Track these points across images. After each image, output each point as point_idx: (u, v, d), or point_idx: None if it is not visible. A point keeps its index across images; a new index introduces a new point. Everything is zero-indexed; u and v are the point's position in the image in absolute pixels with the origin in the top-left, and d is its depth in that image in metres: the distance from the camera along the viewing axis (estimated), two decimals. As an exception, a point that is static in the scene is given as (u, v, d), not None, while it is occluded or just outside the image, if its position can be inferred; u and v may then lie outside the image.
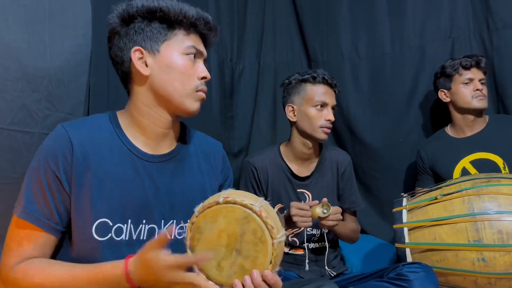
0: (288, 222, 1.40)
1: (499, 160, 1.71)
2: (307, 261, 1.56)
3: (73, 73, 1.28)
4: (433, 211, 1.37)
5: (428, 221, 1.35)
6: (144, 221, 0.94)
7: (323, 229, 1.59)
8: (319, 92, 1.54)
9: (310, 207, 1.37)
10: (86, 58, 1.32)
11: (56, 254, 0.94)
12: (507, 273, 1.22)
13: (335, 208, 1.41)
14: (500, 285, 1.25)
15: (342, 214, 1.67)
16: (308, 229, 1.59)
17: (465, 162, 1.78)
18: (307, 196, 1.59)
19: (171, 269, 0.78)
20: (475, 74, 1.79)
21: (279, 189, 1.60)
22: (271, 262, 0.78)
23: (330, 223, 1.40)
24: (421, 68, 2.14)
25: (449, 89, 1.85)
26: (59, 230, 0.91)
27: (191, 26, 0.96)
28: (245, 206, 0.80)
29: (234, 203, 0.80)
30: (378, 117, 2.24)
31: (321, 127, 1.53)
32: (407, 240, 1.38)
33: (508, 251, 1.22)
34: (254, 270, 0.78)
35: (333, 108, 1.56)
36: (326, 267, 1.55)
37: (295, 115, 1.58)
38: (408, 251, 1.37)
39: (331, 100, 1.55)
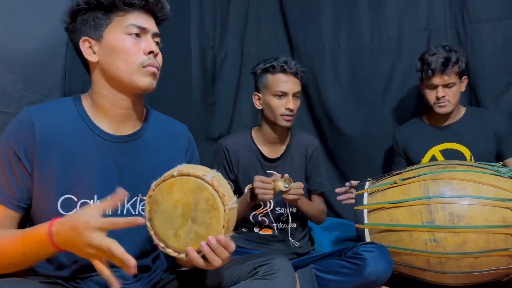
0: (253, 196, 1.47)
1: (467, 152, 1.78)
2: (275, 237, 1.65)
3: (49, 56, 1.34)
4: (391, 194, 1.44)
5: (386, 204, 1.42)
6: (109, 198, 1.01)
7: (291, 209, 1.67)
8: (279, 81, 1.60)
9: (273, 181, 1.44)
10: (62, 41, 1.37)
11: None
12: (456, 253, 1.30)
13: (296, 183, 1.49)
14: (450, 264, 1.32)
15: (309, 195, 1.76)
16: (276, 209, 1.66)
17: (435, 150, 1.85)
18: None
19: (92, 229, 0.79)
20: (439, 79, 1.75)
21: (249, 170, 1.67)
22: (224, 227, 0.85)
23: (291, 197, 1.47)
24: (397, 60, 2.19)
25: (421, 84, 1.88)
26: (21, 206, 0.96)
27: (126, 5, 1.00)
28: (197, 177, 0.86)
29: (188, 175, 0.86)
30: (356, 107, 2.29)
31: (282, 115, 1.59)
32: (366, 221, 1.45)
33: (457, 232, 1.29)
34: (210, 236, 0.84)
35: (295, 95, 1.61)
36: (290, 239, 1.62)
37: (260, 104, 1.65)
38: (366, 231, 1.45)
39: (291, 88, 1.60)
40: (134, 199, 1.03)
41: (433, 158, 1.85)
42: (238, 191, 1.71)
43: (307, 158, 1.73)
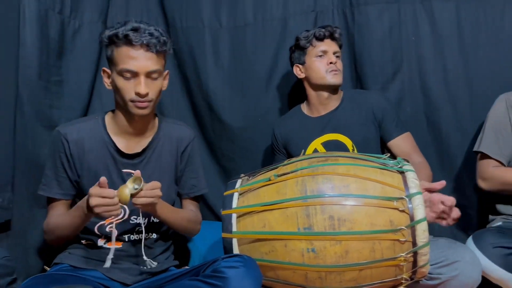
0: (92, 211, 1.10)
1: (348, 142, 1.60)
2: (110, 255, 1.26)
3: None
4: (265, 194, 1.16)
5: (257, 206, 1.14)
6: None
7: (153, 218, 1.31)
8: (124, 56, 1.19)
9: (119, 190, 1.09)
10: None
11: None
12: (337, 266, 1.06)
13: (151, 183, 1.15)
14: (331, 279, 1.08)
15: (180, 200, 1.43)
16: (132, 218, 1.29)
17: (317, 144, 1.64)
18: None
19: None
20: (329, 46, 1.65)
21: (97, 168, 1.27)
22: None
23: (143, 200, 1.12)
24: (282, 43, 1.97)
25: (303, 63, 1.69)
26: None
27: None
28: None
29: None
30: (238, 94, 2.03)
31: (132, 101, 1.21)
32: (234, 229, 1.16)
33: (339, 240, 1.05)
34: None
35: (151, 76, 1.22)
36: (145, 258, 1.24)
37: (110, 83, 1.26)
38: (235, 241, 1.15)
39: (143, 66, 1.19)
40: None
41: (316, 152, 1.63)
42: (82, 196, 1.30)
43: (178, 154, 1.39)
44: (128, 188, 1.10)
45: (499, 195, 1.55)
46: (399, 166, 1.14)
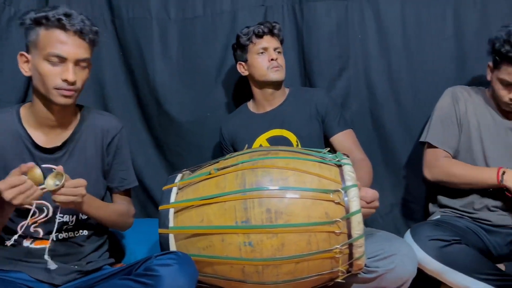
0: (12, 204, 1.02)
1: (292, 137, 1.61)
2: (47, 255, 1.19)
3: None
4: (204, 188, 1.14)
5: (195, 200, 1.11)
6: None
7: (81, 215, 1.25)
8: (53, 40, 1.12)
9: (26, 173, 1.02)
10: None
11: None
12: (273, 259, 1.05)
13: (74, 180, 1.08)
14: (268, 272, 1.07)
15: (111, 195, 1.37)
16: (58, 216, 1.21)
17: (262, 140, 1.64)
18: None
19: None
20: (269, 42, 1.64)
21: (14, 165, 1.15)
22: None
23: (62, 198, 1.05)
24: (232, 37, 1.92)
25: (245, 61, 1.69)
26: None
27: None
28: None
29: None
30: (186, 88, 1.98)
31: (57, 89, 1.14)
32: (171, 224, 1.12)
33: (275, 232, 1.04)
34: None
35: (79, 64, 1.16)
36: (45, 257, 1.14)
37: (29, 69, 1.17)
38: (171, 237, 1.12)
39: (73, 52, 1.13)
40: None
41: (262, 149, 1.63)
42: None
43: (104, 146, 1.31)
44: (50, 178, 1.04)
45: (442, 187, 1.59)
46: (337, 159, 1.14)
